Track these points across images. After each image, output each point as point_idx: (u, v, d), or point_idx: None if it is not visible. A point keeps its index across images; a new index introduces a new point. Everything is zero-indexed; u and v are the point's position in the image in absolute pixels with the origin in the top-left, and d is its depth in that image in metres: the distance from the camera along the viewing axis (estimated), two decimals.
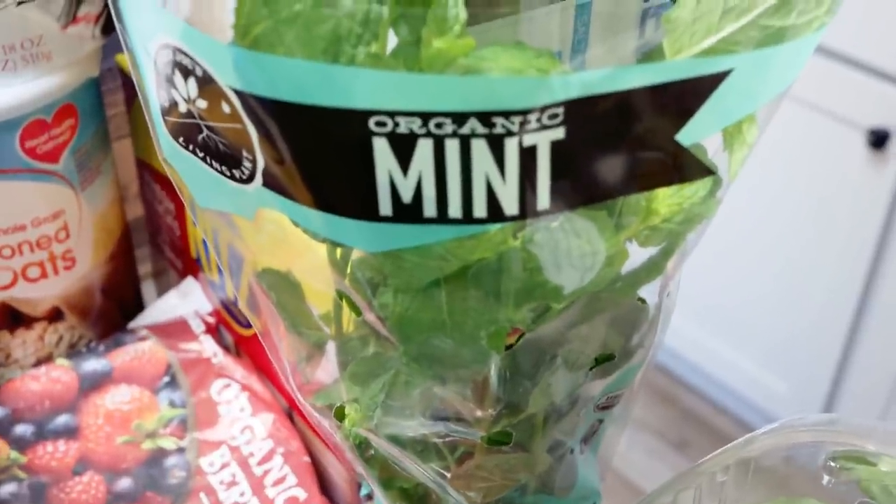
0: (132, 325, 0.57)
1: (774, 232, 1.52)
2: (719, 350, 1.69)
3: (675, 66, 0.27)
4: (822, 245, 1.46)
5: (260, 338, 0.40)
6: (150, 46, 0.30)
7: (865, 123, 1.34)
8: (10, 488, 0.49)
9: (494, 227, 0.28)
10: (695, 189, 0.30)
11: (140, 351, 0.55)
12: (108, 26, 0.50)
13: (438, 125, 0.25)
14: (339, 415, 0.36)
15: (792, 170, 1.46)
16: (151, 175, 0.59)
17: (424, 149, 0.26)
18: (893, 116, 1.32)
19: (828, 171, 1.42)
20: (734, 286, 1.62)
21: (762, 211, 1.52)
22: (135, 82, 0.33)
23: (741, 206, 1.53)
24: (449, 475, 0.37)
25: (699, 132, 0.28)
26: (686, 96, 0.27)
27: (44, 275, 0.53)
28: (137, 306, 0.61)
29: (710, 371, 1.73)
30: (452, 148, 0.26)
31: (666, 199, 0.30)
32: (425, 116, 0.25)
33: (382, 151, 0.26)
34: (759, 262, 1.57)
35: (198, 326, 0.56)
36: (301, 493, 0.49)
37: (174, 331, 0.56)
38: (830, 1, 0.29)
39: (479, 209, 0.27)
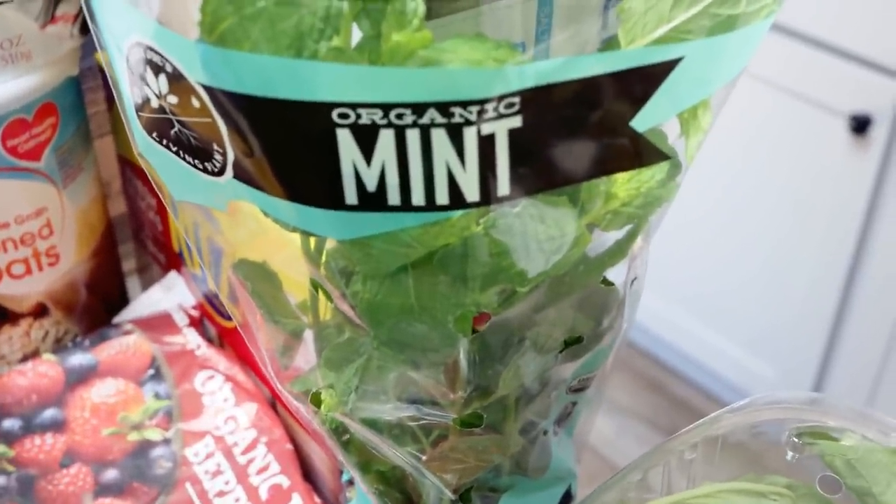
0: (117, 319, 0.58)
1: (759, 219, 1.53)
2: (707, 337, 1.71)
3: (628, 55, 0.28)
4: (806, 231, 1.48)
5: (239, 329, 0.41)
6: (122, 45, 0.30)
7: (847, 109, 1.35)
8: None
9: (457, 214, 0.29)
10: (651, 173, 0.31)
11: (125, 345, 0.56)
12: (86, 25, 0.51)
13: (399, 116, 0.26)
14: (316, 400, 0.37)
15: (774, 157, 1.47)
16: (133, 171, 0.60)
17: (386, 139, 0.27)
18: (874, 102, 1.33)
19: (810, 157, 1.43)
20: (720, 274, 1.64)
21: (746, 198, 1.53)
22: (109, 79, 0.34)
23: (725, 194, 1.54)
24: (424, 458, 0.38)
25: (653, 118, 0.29)
26: (639, 83, 0.28)
27: (28, 271, 0.53)
28: (122, 301, 0.62)
29: (698, 358, 1.74)
30: (413, 138, 0.27)
31: (624, 183, 0.31)
32: (386, 108, 0.26)
33: (346, 142, 0.27)
34: (744, 249, 1.58)
35: (181, 319, 0.57)
36: (284, 481, 0.50)
37: (158, 324, 0.57)
38: None
39: (442, 196, 0.28)
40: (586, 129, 0.28)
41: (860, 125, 1.34)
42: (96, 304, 0.59)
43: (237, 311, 0.40)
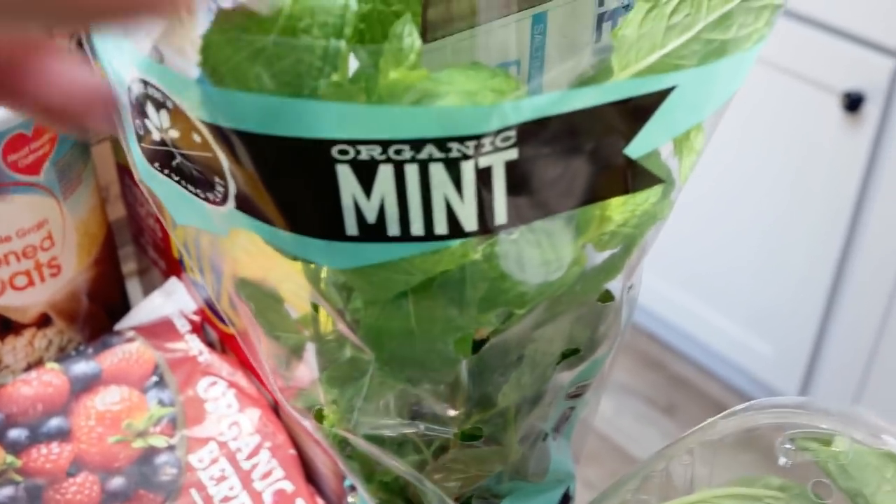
0: (119, 326, 0.59)
1: (754, 198, 1.54)
2: (705, 315, 1.71)
3: (622, 86, 0.28)
4: (801, 209, 1.48)
5: (239, 340, 0.41)
6: (124, 79, 0.31)
7: (840, 87, 1.36)
8: (6, 491, 0.51)
9: (456, 243, 0.29)
10: (646, 196, 0.32)
11: (128, 352, 0.56)
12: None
13: (397, 152, 0.27)
14: (319, 416, 0.38)
15: (768, 135, 1.47)
16: (132, 179, 0.60)
17: (385, 174, 0.27)
18: (867, 80, 1.34)
19: (804, 135, 1.43)
20: (718, 253, 1.64)
21: (741, 178, 1.54)
22: None
23: (720, 174, 1.55)
24: (426, 469, 0.38)
25: (647, 145, 0.29)
26: (633, 113, 0.29)
27: (31, 283, 0.54)
28: (123, 308, 0.63)
29: (696, 336, 1.75)
30: (412, 172, 0.27)
31: (619, 206, 0.32)
32: (384, 144, 0.27)
33: (346, 177, 0.27)
34: (740, 227, 1.59)
35: (183, 326, 0.58)
36: (288, 486, 0.51)
37: (160, 331, 0.58)
38: (769, 14, 0.30)
39: (440, 227, 0.28)
40: (582, 159, 0.29)
41: (853, 102, 1.35)
42: (98, 312, 0.59)
43: (237, 320, 0.41)
